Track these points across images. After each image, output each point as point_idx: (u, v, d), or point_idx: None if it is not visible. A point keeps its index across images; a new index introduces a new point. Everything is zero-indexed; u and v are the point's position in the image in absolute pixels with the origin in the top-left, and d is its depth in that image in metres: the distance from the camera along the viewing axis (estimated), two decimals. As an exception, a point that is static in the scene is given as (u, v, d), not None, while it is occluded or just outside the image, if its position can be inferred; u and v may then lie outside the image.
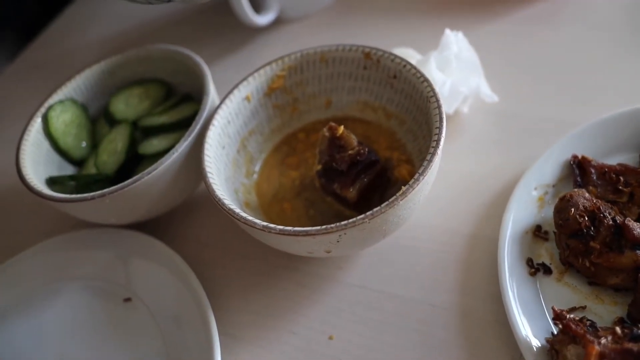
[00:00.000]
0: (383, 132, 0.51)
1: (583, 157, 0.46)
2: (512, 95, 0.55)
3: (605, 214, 0.40)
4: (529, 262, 0.43)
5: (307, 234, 0.37)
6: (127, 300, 0.49)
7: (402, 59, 0.47)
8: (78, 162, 0.57)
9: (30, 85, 0.77)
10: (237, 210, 0.40)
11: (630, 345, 0.34)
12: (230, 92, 0.49)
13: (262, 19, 0.68)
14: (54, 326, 0.49)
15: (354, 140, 0.44)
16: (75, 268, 0.52)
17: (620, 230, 0.39)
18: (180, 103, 0.57)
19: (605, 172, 0.45)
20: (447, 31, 0.53)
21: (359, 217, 0.36)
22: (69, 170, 0.56)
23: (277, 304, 0.47)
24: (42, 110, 0.55)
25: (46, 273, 0.53)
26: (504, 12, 0.65)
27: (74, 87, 0.58)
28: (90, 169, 0.55)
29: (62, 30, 0.86)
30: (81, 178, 0.52)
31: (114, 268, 0.51)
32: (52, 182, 0.53)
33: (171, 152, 0.46)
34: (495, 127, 0.54)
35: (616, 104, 0.49)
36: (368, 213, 0.37)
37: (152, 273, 0.49)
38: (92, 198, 0.45)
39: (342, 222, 0.37)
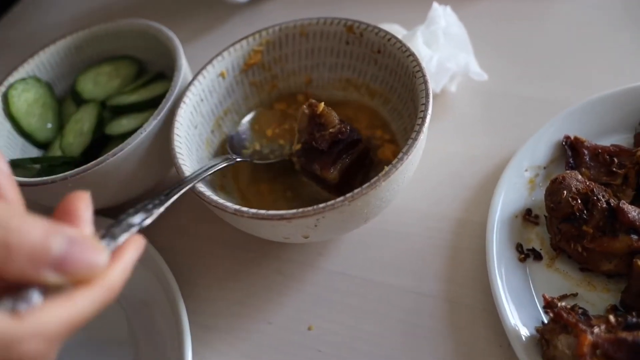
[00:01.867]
0: (365, 110, 0.49)
1: (576, 138, 0.44)
2: (501, 74, 0.53)
3: (598, 196, 0.38)
4: (519, 248, 0.41)
5: (282, 217, 0.34)
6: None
7: (386, 32, 0.44)
8: (44, 145, 0.53)
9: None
10: (208, 192, 0.37)
11: (624, 334, 0.32)
12: (204, 67, 0.46)
13: (241, -5, 0.65)
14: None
15: (335, 118, 0.41)
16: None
17: (614, 214, 0.37)
18: (152, 81, 0.54)
19: (598, 154, 0.43)
20: (435, 4, 0.50)
21: (338, 200, 0.34)
22: (33, 153, 0.53)
23: (255, 293, 0.44)
24: (2, 89, 0.51)
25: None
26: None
27: (37, 64, 0.54)
28: (56, 152, 0.51)
29: (30, 8, 0.81)
30: (45, 160, 0.49)
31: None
32: (13, 165, 0.49)
33: (138, 131, 0.43)
34: (484, 107, 0.51)
35: (609, 83, 0.47)
36: (348, 195, 0.34)
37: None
38: (54, 181, 0.42)
39: (320, 205, 0.34)
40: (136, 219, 0.30)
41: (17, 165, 0.49)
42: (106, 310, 0.43)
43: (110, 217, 0.48)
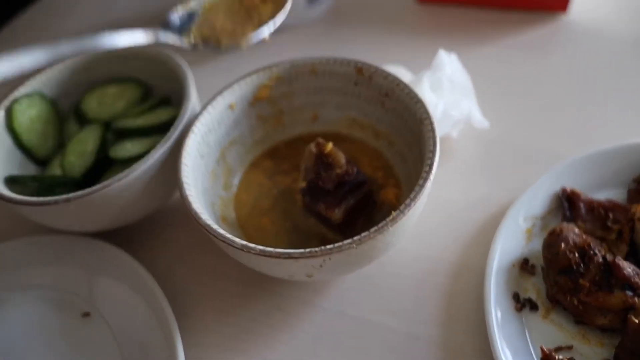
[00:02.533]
0: (369, 151, 0.50)
1: (572, 191, 0.45)
2: (502, 123, 0.54)
3: (595, 251, 0.39)
4: (515, 297, 0.41)
5: (289, 256, 0.34)
6: (86, 315, 0.45)
7: (395, 77, 0.45)
8: (42, 162, 0.52)
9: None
10: (215, 226, 0.37)
11: (620, 391, 0.32)
12: (214, 98, 0.46)
13: (250, 26, 0.66)
14: (3, 337, 0.45)
15: (342, 158, 0.42)
16: (29, 276, 0.48)
17: (610, 269, 0.38)
18: (157, 106, 0.54)
19: (594, 208, 0.44)
20: (441, 52, 0.52)
21: (345, 242, 0.34)
22: (31, 169, 0.52)
23: (252, 327, 0.44)
24: (7, 103, 0.51)
25: (-1, 281, 0.48)
26: (498, 36, 0.64)
27: (43, 80, 0.54)
28: (55, 170, 0.51)
29: (35, 19, 0.81)
30: (45, 179, 0.48)
31: (74, 279, 0.47)
32: (11, 181, 0.48)
33: (146, 158, 0.43)
34: (485, 154, 0.53)
35: (605, 139, 0.49)
36: (355, 238, 0.34)
37: (115, 288, 0.46)
38: (56, 202, 0.41)
39: (328, 247, 0.34)
40: None
41: (15, 181, 0.49)
42: (102, 346, 0.42)
43: (108, 241, 0.48)
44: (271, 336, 0.43)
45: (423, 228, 0.47)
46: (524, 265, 0.43)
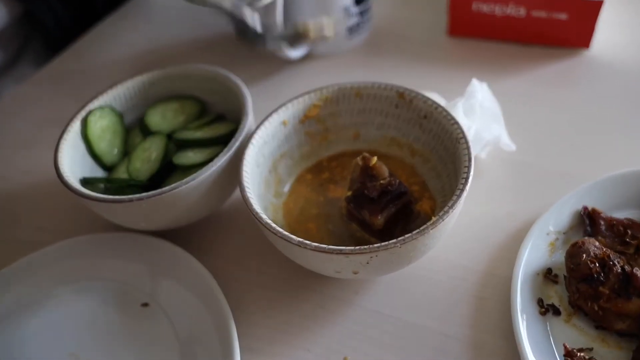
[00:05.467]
0: (405, 167, 0.54)
1: (593, 209, 0.49)
2: (528, 147, 0.59)
3: (614, 262, 0.43)
4: (540, 302, 0.45)
5: (340, 252, 0.39)
6: (145, 305, 0.50)
7: (433, 102, 0.50)
8: (108, 168, 0.59)
9: (53, 92, 0.79)
10: (274, 225, 0.42)
11: (636, 385, 0.36)
12: (270, 115, 0.52)
13: (294, 53, 0.72)
14: (68, 325, 0.50)
15: (385, 170, 0.47)
16: (97, 270, 0.53)
17: (628, 279, 0.42)
18: (214, 121, 0.60)
19: (613, 225, 0.48)
20: (474, 80, 0.57)
21: (391, 241, 0.39)
22: (99, 174, 0.58)
23: (295, 321, 0.48)
24: (83, 113, 0.57)
25: (67, 272, 0.53)
26: (525, 69, 0.70)
27: (114, 95, 0.60)
28: (121, 175, 0.56)
29: (92, 44, 0.89)
30: (115, 182, 0.54)
31: (136, 273, 0.52)
32: (85, 182, 0.54)
33: (210, 164, 0.48)
34: (511, 175, 0.57)
35: (625, 164, 0.53)
36: (400, 238, 0.39)
37: (174, 282, 0.51)
38: (131, 200, 0.47)
39: (375, 245, 0.39)
40: None
41: (88, 183, 0.55)
42: (160, 335, 0.47)
43: (168, 240, 0.53)
44: (314, 331, 0.48)
45: (454, 239, 0.52)
46: (548, 274, 0.47)
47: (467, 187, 0.42)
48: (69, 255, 0.54)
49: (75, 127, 0.56)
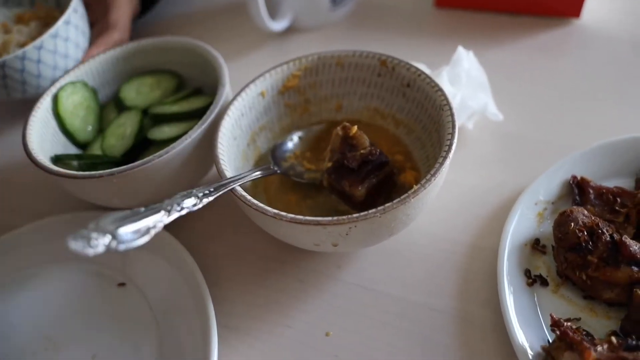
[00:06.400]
0: (388, 137, 0.53)
1: (582, 178, 0.48)
2: (516, 117, 0.57)
3: (603, 230, 0.42)
4: (527, 273, 0.44)
5: (318, 223, 0.37)
6: (121, 285, 0.49)
7: (417, 69, 0.48)
8: (82, 145, 0.56)
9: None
10: (249, 197, 0.40)
11: (625, 354, 0.35)
12: (247, 85, 0.50)
13: (277, 25, 0.70)
14: (43, 307, 0.48)
15: (366, 140, 0.45)
16: (69, 249, 0.51)
17: (617, 247, 0.41)
18: (190, 95, 0.58)
19: (602, 193, 0.47)
20: (460, 48, 0.55)
21: (370, 211, 0.37)
22: (73, 151, 0.56)
23: (275, 297, 0.47)
24: (53, 89, 0.55)
25: (40, 253, 0.52)
26: (513, 39, 0.68)
27: (86, 70, 0.58)
28: (96, 152, 0.54)
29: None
30: (88, 158, 0.52)
31: (113, 253, 0.50)
32: (57, 159, 0.52)
33: (184, 137, 0.46)
34: (498, 145, 0.56)
35: (615, 132, 0.51)
36: (380, 207, 0.37)
37: (149, 259, 0.49)
38: (101, 176, 0.45)
39: (354, 215, 0.37)
40: (187, 202, 0.33)
41: (59, 160, 0.52)
42: (137, 313, 0.45)
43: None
44: (294, 307, 0.46)
45: (440, 211, 0.50)
46: (536, 245, 0.45)
47: (451, 155, 0.40)
48: (41, 237, 0.52)
49: (46, 103, 0.54)
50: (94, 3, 0.70)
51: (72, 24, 0.61)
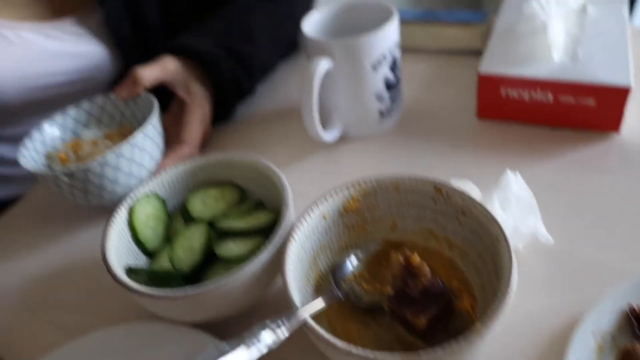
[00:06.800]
0: (443, 260, 0.55)
1: None
2: (565, 237, 0.59)
3: (668, 372, 0.42)
4: (590, 410, 0.44)
5: (388, 362, 0.39)
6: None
7: (471, 198, 0.51)
8: (149, 253, 0.60)
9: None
10: (318, 328, 0.43)
11: None
12: (310, 208, 0.53)
13: (329, 136, 0.75)
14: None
15: (427, 269, 0.47)
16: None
17: (683, 391, 0.41)
18: (252, 209, 0.62)
19: (662, 326, 0.47)
20: (508, 171, 0.58)
21: (439, 349, 0.39)
22: (141, 258, 0.60)
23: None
24: (129, 202, 0.60)
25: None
26: (556, 153, 0.70)
27: (158, 183, 0.63)
28: (163, 261, 0.58)
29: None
30: (160, 273, 0.56)
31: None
32: (131, 271, 0.56)
33: (253, 261, 0.49)
34: (549, 268, 0.57)
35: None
36: (447, 347, 0.39)
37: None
38: (175, 297, 0.48)
39: (423, 355, 0.39)
40: (264, 335, 0.39)
41: (132, 272, 0.56)
42: None
43: (208, 332, 0.53)
44: None
45: (494, 342, 0.50)
46: (598, 381, 0.46)
47: (511, 296, 0.42)
48: (107, 347, 0.55)
49: (122, 214, 0.59)
50: (169, 126, 0.78)
51: (149, 136, 0.68)
